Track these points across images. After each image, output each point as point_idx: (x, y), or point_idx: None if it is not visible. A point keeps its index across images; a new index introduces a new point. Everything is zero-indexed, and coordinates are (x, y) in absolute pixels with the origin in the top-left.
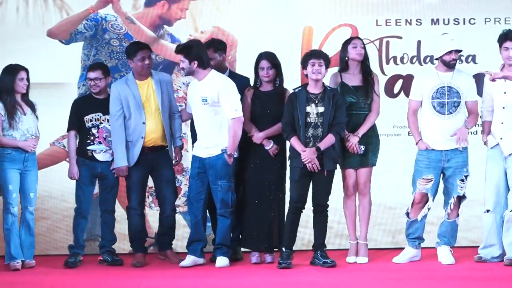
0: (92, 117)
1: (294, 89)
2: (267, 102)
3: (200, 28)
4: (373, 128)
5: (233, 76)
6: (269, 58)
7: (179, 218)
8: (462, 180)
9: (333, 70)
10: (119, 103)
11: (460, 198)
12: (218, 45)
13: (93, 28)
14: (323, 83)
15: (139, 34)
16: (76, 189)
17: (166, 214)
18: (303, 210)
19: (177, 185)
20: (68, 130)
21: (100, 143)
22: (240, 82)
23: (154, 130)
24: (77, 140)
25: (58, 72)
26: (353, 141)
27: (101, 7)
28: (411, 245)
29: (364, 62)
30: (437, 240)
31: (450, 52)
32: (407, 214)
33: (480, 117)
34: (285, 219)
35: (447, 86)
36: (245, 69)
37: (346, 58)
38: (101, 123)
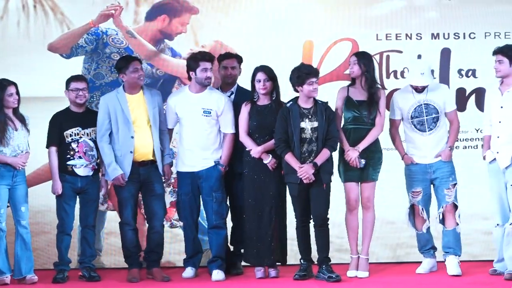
0: (72, 132)
1: (285, 104)
2: (264, 116)
3: (200, 42)
4: (376, 143)
5: (241, 90)
6: (266, 70)
7: (179, 232)
8: (449, 189)
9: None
10: (107, 117)
11: (454, 207)
12: (240, 58)
13: (94, 42)
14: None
15: (139, 48)
16: (57, 206)
17: (155, 229)
18: (310, 221)
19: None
20: (48, 146)
21: (80, 157)
22: (248, 97)
23: (143, 145)
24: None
25: (59, 86)
26: (352, 155)
27: (102, 21)
28: (428, 256)
29: (368, 77)
30: (443, 252)
31: None
32: (413, 225)
33: (481, 131)
34: (286, 233)
35: (424, 104)
36: (246, 83)
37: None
38: (80, 137)
